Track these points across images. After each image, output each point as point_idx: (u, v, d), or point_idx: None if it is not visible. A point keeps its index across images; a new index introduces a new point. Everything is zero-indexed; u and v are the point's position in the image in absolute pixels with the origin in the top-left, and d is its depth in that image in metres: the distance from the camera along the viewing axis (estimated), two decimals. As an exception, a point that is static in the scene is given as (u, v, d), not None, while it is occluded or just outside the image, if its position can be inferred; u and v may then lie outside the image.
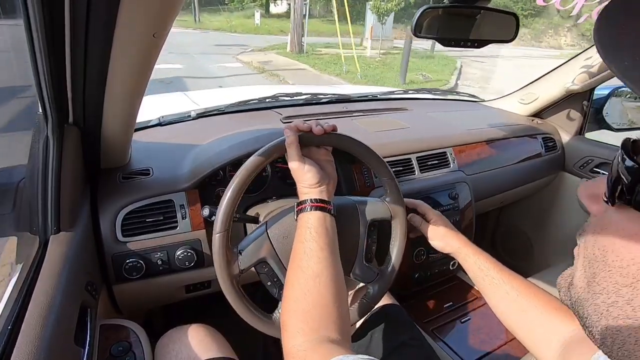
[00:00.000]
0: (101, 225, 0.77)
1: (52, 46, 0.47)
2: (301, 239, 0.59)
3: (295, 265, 0.57)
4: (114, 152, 0.80)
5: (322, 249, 0.57)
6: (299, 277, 0.55)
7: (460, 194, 1.15)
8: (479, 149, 1.30)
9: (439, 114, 1.48)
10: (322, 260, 0.56)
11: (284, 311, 0.54)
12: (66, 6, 0.42)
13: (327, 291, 0.53)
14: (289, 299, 0.55)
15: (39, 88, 0.53)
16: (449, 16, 0.75)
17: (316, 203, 0.61)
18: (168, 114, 1.16)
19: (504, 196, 1.39)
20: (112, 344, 0.67)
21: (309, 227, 0.59)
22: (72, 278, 0.60)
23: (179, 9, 0.46)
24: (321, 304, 0.52)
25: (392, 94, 1.64)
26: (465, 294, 1.13)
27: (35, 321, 0.49)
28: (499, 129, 1.40)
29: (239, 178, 0.64)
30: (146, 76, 0.58)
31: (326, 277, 0.55)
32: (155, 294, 0.86)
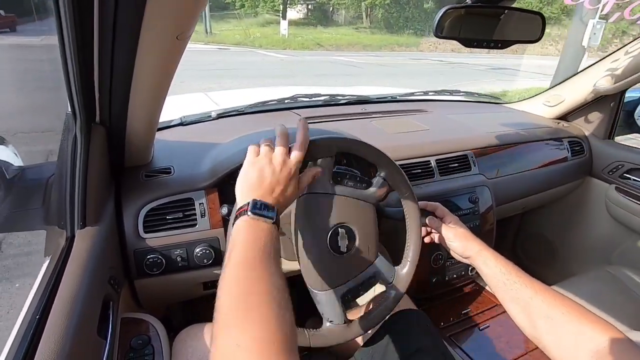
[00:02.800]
0: (124, 221, 0.79)
1: (81, 49, 0.49)
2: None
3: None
4: (138, 150, 0.82)
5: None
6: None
7: (481, 198, 1.12)
8: (501, 152, 1.26)
9: (459, 115, 1.46)
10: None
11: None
12: (95, 11, 0.44)
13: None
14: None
15: (69, 89, 0.56)
16: (472, 16, 0.73)
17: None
18: (189, 114, 1.18)
19: (526, 201, 1.35)
20: (132, 337, 0.69)
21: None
22: (96, 272, 0.62)
23: (200, 11, 0.47)
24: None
25: (411, 96, 1.62)
26: (484, 301, 1.11)
27: (61, 312, 0.52)
28: (522, 131, 1.36)
29: None
30: (169, 77, 0.60)
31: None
32: (174, 289, 0.88)
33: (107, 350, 0.57)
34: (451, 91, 1.70)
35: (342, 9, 21.72)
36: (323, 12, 21.95)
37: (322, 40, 15.50)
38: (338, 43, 15.95)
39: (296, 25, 18.58)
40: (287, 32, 14.92)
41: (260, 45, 13.72)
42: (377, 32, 19.30)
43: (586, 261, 1.51)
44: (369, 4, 19.55)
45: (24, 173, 0.67)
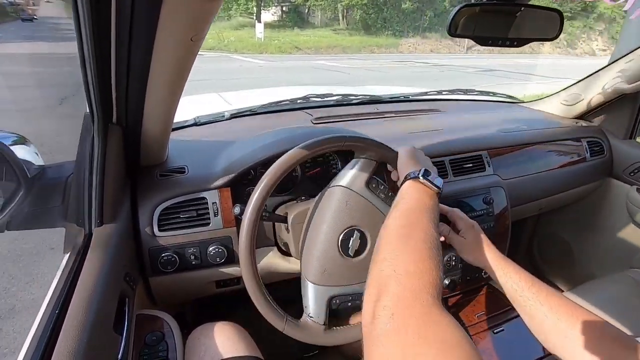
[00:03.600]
0: (140, 219, 0.81)
1: (99, 51, 0.51)
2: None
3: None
4: (153, 150, 0.84)
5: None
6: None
7: (496, 199, 1.10)
8: (517, 153, 1.24)
9: (474, 115, 1.43)
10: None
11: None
12: (112, 14, 0.45)
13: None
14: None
15: (87, 89, 0.57)
16: (487, 14, 0.72)
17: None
18: (203, 114, 1.20)
19: (543, 202, 1.32)
20: (147, 333, 0.70)
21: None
22: (112, 269, 0.63)
23: (215, 14, 0.47)
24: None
25: (425, 95, 1.60)
26: (499, 303, 1.09)
27: (79, 307, 0.53)
28: (539, 131, 1.33)
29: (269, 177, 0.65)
30: (184, 78, 0.61)
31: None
32: (187, 287, 0.89)
33: (122, 345, 0.59)
34: (465, 90, 1.67)
35: (318, 11, 21.11)
36: (298, 14, 21.33)
37: (300, 43, 14.91)
38: (317, 45, 15.49)
39: (271, 28, 17.62)
40: (263, 35, 13.87)
41: (236, 50, 12.82)
42: (355, 33, 18.88)
43: (606, 264, 1.47)
44: (345, 5, 19.09)
45: (44, 172, 0.69)
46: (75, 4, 0.44)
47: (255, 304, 0.67)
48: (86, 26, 0.47)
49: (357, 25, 19.75)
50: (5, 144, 0.63)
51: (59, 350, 0.47)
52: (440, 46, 19.63)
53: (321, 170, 1.01)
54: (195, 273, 0.85)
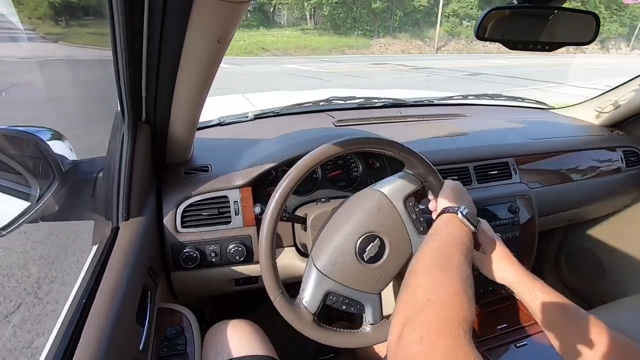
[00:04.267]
0: (164, 215, 0.83)
1: (131, 53, 0.53)
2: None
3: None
4: (179, 148, 0.87)
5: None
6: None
7: (522, 208, 1.06)
8: (546, 161, 1.19)
9: (501, 121, 1.39)
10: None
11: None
12: (145, 18, 0.47)
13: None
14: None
15: (119, 89, 0.60)
16: (517, 17, 0.70)
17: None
18: (227, 115, 1.22)
19: (573, 214, 1.27)
20: (167, 327, 0.72)
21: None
22: (137, 262, 0.66)
23: (241, 17, 0.48)
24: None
25: (450, 99, 1.57)
26: (523, 316, 1.05)
27: (105, 297, 0.55)
28: (570, 139, 1.28)
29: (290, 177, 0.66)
30: (210, 79, 0.63)
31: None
32: (207, 284, 0.91)
33: (144, 336, 0.60)
34: (492, 95, 1.63)
35: (285, 9, 20.05)
36: (264, 13, 20.10)
37: (267, 44, 13.86)
38: (285, 46, 14.64)
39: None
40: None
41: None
42: (324, 33, 18.14)
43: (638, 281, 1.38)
44: (313, 4, 18.26)
45: (77, 166, 0.72)
46: (111, 7, 0.47)
47: (262, 273, 0.67)
48: (120, 30, 0.49)
49: (326, 24, 18.94)
50: (43, 139, 0.67)
51: (86, 336, 0.49)
52: (411, 46, 18.97)
53: (341, 173, 1.01)
54: (214, 270, 0.87)
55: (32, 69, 3.42)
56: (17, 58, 3.61)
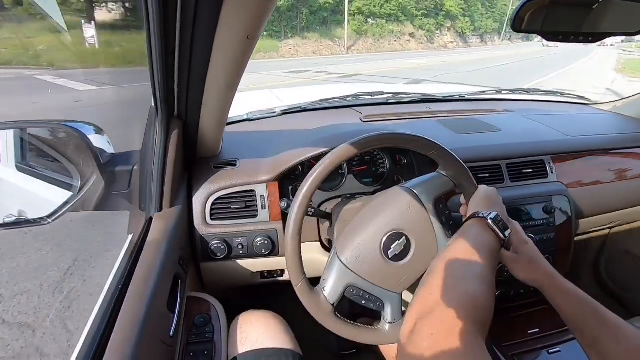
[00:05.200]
0: (194, 208, 0.86)
1: (164, 51, 0.55)
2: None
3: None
4: (208, 143, 0.89)
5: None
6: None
7: (558, 208, 1.01)
8: (586, 159, 1.12)
9: (536, 116, 1.32)
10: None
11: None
12: (177, 18, 0.49)
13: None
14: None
15: (153, 86, 0.62)
16: (558, 7, 0.66)
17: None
18: (255, 110, 1.24)
19: (615, 216, 1.19)
20: (196, 315, 0.74)
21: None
22: (169, 252, 0.68)
23: (270, 12, 0.49)
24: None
25: (482, 94, 1.52)
26: (556, 321, 0.99)
27: (139, 284, 0.58)
28: (613, 136, 1.20)
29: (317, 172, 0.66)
30: (239, 75, 0.64)
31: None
32: (234, 275, 0.93)
33: (174, 323, 0.63)
34: (528, 90, 1.55)
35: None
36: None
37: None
38: None
39: (112, 30, 9.12)
40: (97, 40, 7.47)
41: (52, 64, 7.52)
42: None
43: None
44: None
45: (114, 159, 0.76)
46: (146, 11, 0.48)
47: (286, 261, 0.68)
48: (154, 29, 0.51)
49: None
50: (85, 133, 0.71)
51: (121, 320, 0.52)
52: (322, 47, 17.93)
53: (367, 169, 1.00)
54: (241, 262, 0.89)
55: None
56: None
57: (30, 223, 0.71)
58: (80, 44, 5.71)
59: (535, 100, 1.59)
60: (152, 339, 0.55)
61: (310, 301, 0.67)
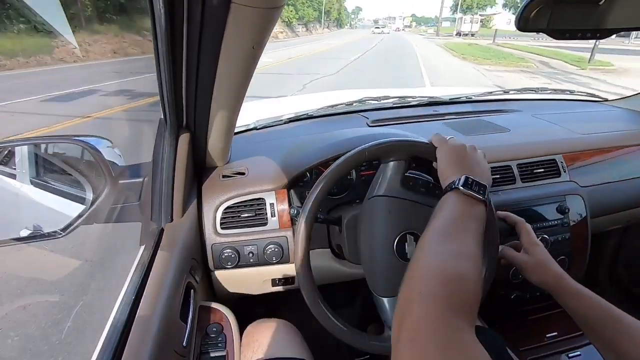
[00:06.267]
0: (204, 217, 0.86)
1: (172, 63, 0.56)
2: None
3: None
4: (217, 153, 0.90)
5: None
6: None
7: (572, 208, 0.99)
8: (600, 157, 1.10)
9: (547, 115, 1.31)
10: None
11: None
12: (184, 31, 0.50)
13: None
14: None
15: (162, 98, 0.63)
16: (564, 4, 0.65)
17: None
18: (262, 119, 1.25)
19: (631, 214, 1.16)
20: (208, 324, 0.74)
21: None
22: (180, 262, 0.69)
23: (275, 22, 0.49)
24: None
25: (489, 95, 1.50)
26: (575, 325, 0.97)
27: (151, 295, 0.58)
28: (627, 133, 1.18)
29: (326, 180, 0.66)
30: (245, 85, 0.64)
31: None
32: (245, 283, 0.93)
33: (187, 333, 0.63)
34: (537, 89, 1.54)
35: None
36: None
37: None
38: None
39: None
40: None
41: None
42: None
43: None
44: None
45: (125, 172, 0.78)
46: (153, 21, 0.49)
47: (296, 273, 0.67)
48: (162, 41, 0.52)
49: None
50: (97, 147, 0.72)
51: (134, 331, 0.52)
52: (126, 44, 10.67)
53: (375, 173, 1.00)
54: (252, 270, 0.89)
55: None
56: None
57: (45, 237, 0.72)
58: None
59: (544, 99, 1.57)
60: (166, 350, 0.55)
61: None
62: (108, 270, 2.02)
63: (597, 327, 0.55)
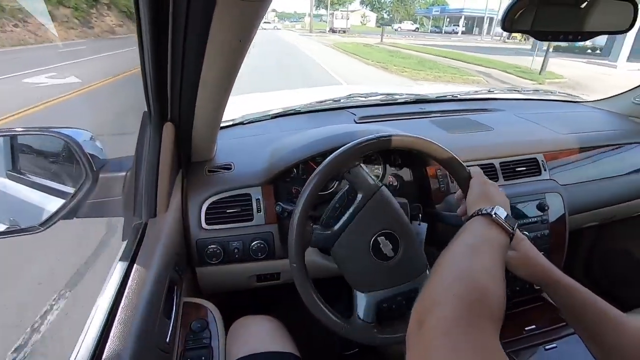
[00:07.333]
0: (189, 212, 0.85)
1: (156, 55, 0.54)
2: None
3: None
4: (202, 147, 0.89)
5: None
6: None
7: (552, 205, 1.02)
8: (578, 156, 1.14)
9: (528, 115, 1.34)
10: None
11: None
12: (169, 22, 0.48)
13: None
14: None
15: (146, 90, 0.62)
16: (547, 6, 0.67)
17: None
18: (249, 114, 1.24)
19: (607, 212, 1.20)
20: (192, 320, 0.74)
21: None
22: (164, 258, 0.68)
23: (263, 15, 0.49)
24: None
25: (475, 94, 1.53)
26: (552, 318, 1.01)
27: (133, 292, 0.57)
28: (605, 133, 1.22)
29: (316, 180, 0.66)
30: (232, 79, 0.64)
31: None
32: (230, 279, 0.93)
33: (171, 329, 0.63)
34: (520, 89, 1.57)
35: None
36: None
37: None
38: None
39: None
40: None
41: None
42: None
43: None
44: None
45: (107, 165, 0.76)
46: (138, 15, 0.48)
47: (314, 314, 0.68)
48: (146, 32, 0.50)
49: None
50: (77, 140, 0.70)
51: (116, 328, 0.51)
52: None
53: None
54: (238, 266, 0.89)
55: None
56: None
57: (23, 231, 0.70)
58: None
59: (526, 99, 1.61)
60: (149, 347, 0.54)
61: (358, 336, 0.68)
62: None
63: (584, 318, 0.57)
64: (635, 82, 1.39)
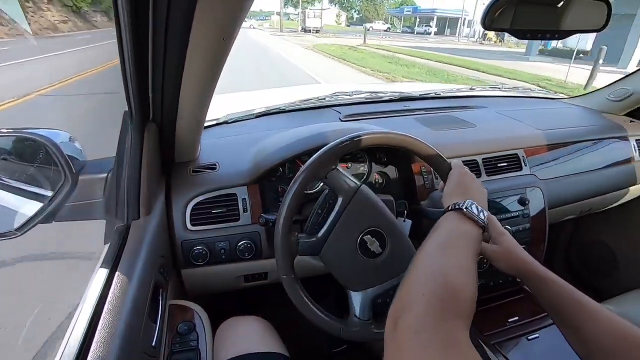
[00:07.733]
0: (174, 214, 0.84)
1: (137, 53, 0.53)
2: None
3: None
4: (186, 147, 0.87)
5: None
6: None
7: (532, 199, 1.05)
8: (556, 151, 1.17)
9: (509, 112, 1.37)
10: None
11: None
12: (150, 19, 0.47)
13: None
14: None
15: (127, 89, 0.60)
16: (526, 5, 0.69)
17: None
18: (233, 113, 1.22)
19: (584, 205, 1.25)
20: (179, 323, 0.73)
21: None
22: (148, 260, 0.66)
23: (246, 13, 0.48)
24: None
25: (457, 92, 1.55)
26: (534, 309, 1.04)
27: (117, 295, 0.56)
28: (581, 129, 1.26)
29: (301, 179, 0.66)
30: (215, 78, 0.63)
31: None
32: (217, 280, 0.92)
33: (157, 333, 0.61)
34: (500, 86, 1.61)
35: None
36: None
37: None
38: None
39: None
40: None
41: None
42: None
43: (655, 273, 1.36)
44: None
45: (87, 167, 0.73)
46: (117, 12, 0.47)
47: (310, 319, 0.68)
48: (125, 30, 0.49)
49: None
50: (55, 141, 0.68)
51: (100, 333, 0.50)
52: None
53: (348, 168, 1.01)
54: (224, 267, 0.88)
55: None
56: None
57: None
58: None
59: (507, 97, 1.65)
60: (134, 351, 0.53)
61: (358, 335, 0.68)
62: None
63: (563, 311, 0.58)
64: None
